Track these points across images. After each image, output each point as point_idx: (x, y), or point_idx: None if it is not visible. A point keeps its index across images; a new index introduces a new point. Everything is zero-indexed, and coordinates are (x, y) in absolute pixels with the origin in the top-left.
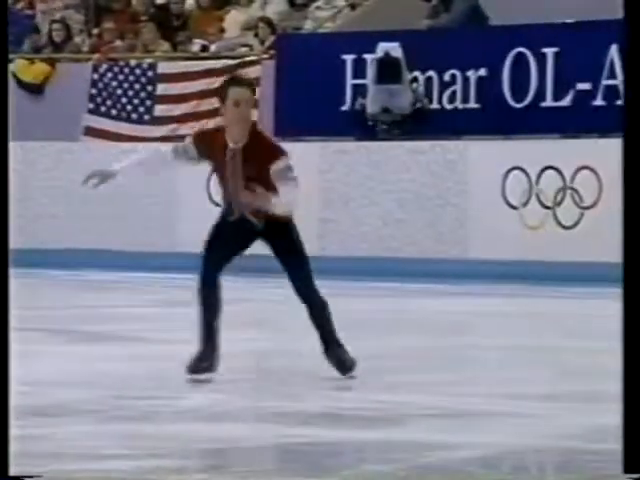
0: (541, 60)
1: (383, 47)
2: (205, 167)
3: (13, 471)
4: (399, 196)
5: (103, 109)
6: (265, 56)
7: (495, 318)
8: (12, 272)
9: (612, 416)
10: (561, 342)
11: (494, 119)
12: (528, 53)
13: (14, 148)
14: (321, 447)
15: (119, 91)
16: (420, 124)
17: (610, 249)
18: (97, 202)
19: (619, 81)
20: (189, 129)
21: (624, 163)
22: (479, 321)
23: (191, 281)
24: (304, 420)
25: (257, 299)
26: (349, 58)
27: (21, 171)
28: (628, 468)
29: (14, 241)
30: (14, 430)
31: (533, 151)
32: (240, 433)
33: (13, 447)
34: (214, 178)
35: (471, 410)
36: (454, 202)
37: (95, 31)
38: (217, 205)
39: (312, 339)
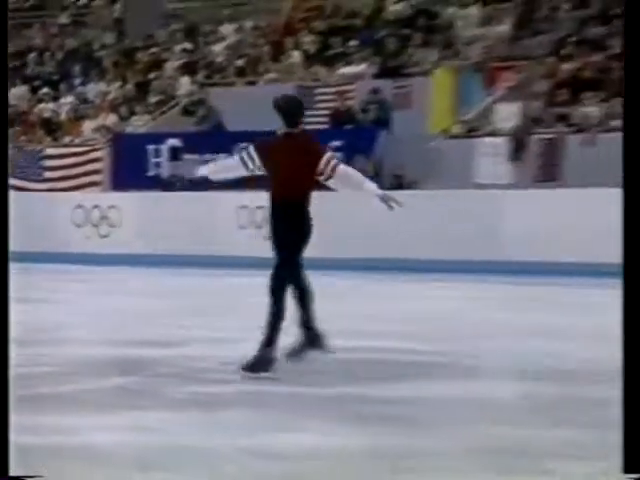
0: None
1: (171, 141)
2: None
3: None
4: None
5: (19, 174)
6: (105, 146)
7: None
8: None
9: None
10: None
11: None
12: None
13: None
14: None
15: (25, 164)
16: (198, 184)
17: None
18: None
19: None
20: (62, 185)
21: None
22: None
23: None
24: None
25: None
26: (151, 147)
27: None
28: (628, 468)
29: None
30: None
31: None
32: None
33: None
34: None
35: (234, 338)
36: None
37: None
38: None
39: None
